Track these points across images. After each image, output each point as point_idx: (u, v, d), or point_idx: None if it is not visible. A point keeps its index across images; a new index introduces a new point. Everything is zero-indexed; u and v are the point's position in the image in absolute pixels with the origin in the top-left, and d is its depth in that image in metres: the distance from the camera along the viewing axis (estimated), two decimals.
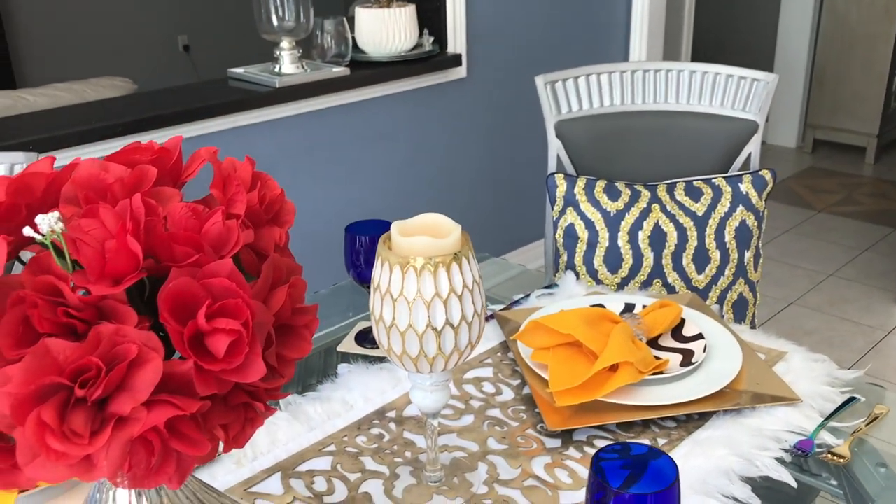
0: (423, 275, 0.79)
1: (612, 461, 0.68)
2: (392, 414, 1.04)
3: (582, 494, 0.89)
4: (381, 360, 1.15)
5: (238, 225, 0.53)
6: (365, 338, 1.21)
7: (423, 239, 0.80)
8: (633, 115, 1.59)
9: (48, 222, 0.47)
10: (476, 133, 2.81)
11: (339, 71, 2.31)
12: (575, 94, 1.57)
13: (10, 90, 2.18)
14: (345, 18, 2.39)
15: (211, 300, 0.49)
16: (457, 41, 2.64)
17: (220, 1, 4.79)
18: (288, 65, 2.26)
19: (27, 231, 0.47)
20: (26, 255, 0.53)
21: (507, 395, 1.08)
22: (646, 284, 1.47)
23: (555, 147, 1.58)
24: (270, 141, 2.30)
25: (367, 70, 2.40)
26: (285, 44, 2.25)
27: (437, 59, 2.56)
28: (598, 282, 1.48)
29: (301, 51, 2.29)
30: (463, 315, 0.81)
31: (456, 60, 2.60)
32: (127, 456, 0.46)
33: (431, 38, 2.57)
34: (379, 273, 0.82)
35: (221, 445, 0.54)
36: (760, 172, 1.51)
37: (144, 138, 1.99)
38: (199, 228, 0.52)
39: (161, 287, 0.49)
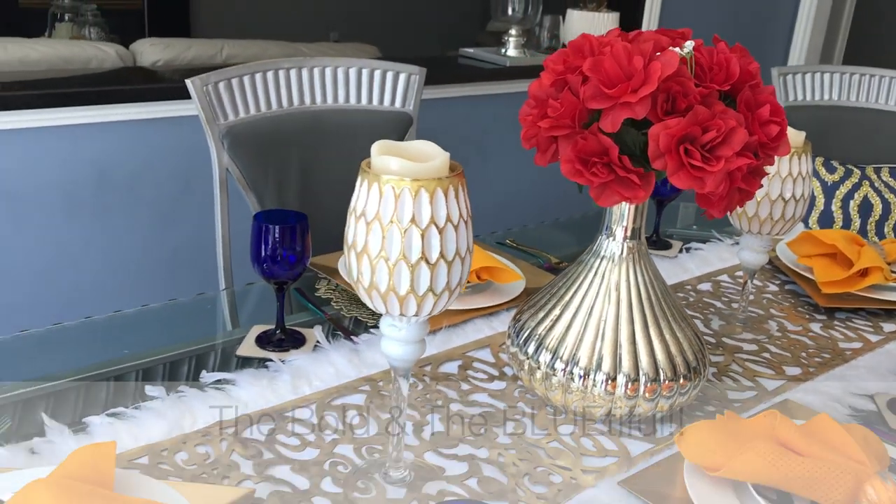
0: None
1: None
2: None
3: (855, 345, 1.21)
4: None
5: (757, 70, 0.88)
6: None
7: None
8: (847, 109, 1.91)
9: (688, 47, 0.82)
10: None
11: None
12: (801, 85, 1.90)
13: (287, 41, 2.59)
14: (560, 17, 2.77)
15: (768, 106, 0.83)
16: None
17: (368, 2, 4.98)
18: (513, 49, 2.64)
19: (676, 49, 0.82)
20: None
21: (773, 288, 1.40)
22: None
23: None
24: (488, 112, 2.67)
25: None
26: (513, 31, 2.63)
27: None
28: None
29: (525, 39, 2.66)
30: None
31: None
32: (721, 182, 0.80)
33: None
34: None
35: None
36: None
37: None
38: (742, 66, 0.86)
39: (738, 96, 0.84)
